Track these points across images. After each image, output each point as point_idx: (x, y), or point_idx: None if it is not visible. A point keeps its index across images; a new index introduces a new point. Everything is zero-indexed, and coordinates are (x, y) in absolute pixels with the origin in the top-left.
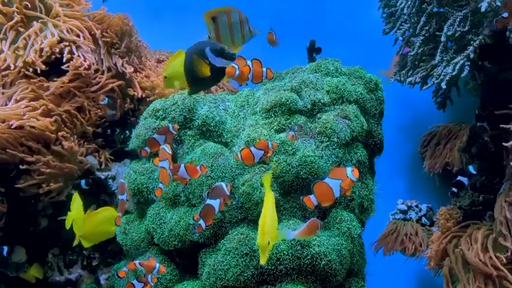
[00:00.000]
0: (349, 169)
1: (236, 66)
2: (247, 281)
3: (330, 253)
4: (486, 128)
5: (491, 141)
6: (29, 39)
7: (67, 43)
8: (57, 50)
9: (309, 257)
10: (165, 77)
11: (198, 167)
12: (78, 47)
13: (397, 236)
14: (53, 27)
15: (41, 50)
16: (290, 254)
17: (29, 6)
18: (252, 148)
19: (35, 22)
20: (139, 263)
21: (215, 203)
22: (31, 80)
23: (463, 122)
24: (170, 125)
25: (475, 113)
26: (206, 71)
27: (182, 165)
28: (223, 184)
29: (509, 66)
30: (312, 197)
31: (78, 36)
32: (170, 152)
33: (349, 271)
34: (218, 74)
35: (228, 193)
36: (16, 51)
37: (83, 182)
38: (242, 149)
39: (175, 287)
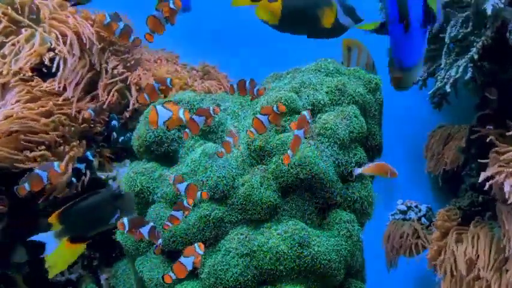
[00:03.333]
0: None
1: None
2: (247, 281)
3: (329, 253)
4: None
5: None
6: (16, 47)
7: (54, 53)
8: (46, 58)
9: (308, 258)
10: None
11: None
12: (65, 60)
13: (394, 239)
14: (40, 35)
15: (28, 58)
16: (290, 254)
17: (19, 10)
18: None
19: (23, 29)
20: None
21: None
22: (27, 82)
23: (462, 122)
24: (211, 107)
25: (475, 114)
26: (328, 20)
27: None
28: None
29: (509, 67)
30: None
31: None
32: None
33: (349, 271)
34: (336, 31)
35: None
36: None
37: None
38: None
39: (175, 287)
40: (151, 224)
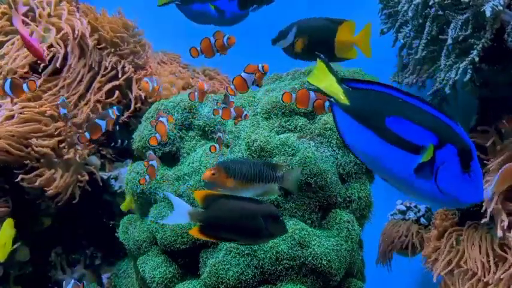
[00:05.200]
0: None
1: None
2: (248, 280)
3: (329, 253)
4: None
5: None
6: (14, 45)
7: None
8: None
9: (309, 258)
10: None
11: None
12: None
13: (389, 238)
14: (39, 33)
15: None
16: (290, 254)
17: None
18: (243, 73)
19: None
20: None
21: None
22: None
23: (461, 122)
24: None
25: (474, 115)
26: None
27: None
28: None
29: (507, 69)
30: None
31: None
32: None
33: (348, 271)
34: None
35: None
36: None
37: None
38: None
39: (176, 286)
40: None
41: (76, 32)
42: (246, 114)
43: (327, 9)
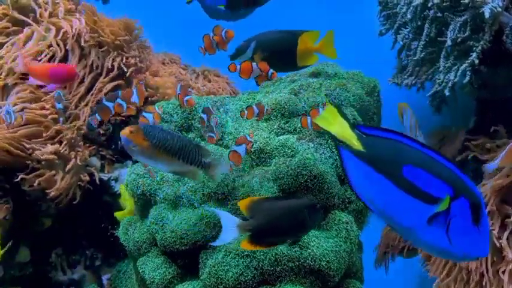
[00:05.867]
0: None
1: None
2: (247, 281)
3: (328, 254)
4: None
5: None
6: (13, 46)
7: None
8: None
9: (308, 259)
10: None
11: None
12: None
13: (392, 241)
14: (39, 33)
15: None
16: (289, 255)
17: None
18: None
19: (26, 28)
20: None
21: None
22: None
23: (460, 123)
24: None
25: (473, 116)
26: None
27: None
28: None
29: (505, 71)
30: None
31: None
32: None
33: (347, 272)
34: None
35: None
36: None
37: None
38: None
39: (176, 287)
40: None
41: (73, 30)
42: (267, 109)
43: (329, 8)
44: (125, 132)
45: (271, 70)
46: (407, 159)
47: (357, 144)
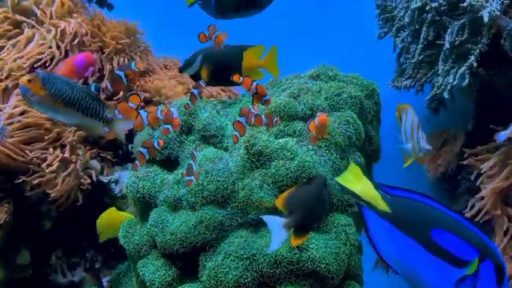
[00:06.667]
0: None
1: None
2: (247, 283)
3: (327, 256)
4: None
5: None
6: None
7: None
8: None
9: (307, 261)
10: None
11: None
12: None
13: None
14: (41, 35)
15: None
16: (289, 257)
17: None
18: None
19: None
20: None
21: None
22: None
23: (459, 125)
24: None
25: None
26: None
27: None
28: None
29: (503, 73)
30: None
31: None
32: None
33: (346, 274)
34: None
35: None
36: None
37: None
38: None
39: None
40: None
41: (70, 30)
42: (276, 120)
43: (328, 12)
44: (23, 80)
45: (268, 96)
46: (435, 222)
47: (382, 205)
